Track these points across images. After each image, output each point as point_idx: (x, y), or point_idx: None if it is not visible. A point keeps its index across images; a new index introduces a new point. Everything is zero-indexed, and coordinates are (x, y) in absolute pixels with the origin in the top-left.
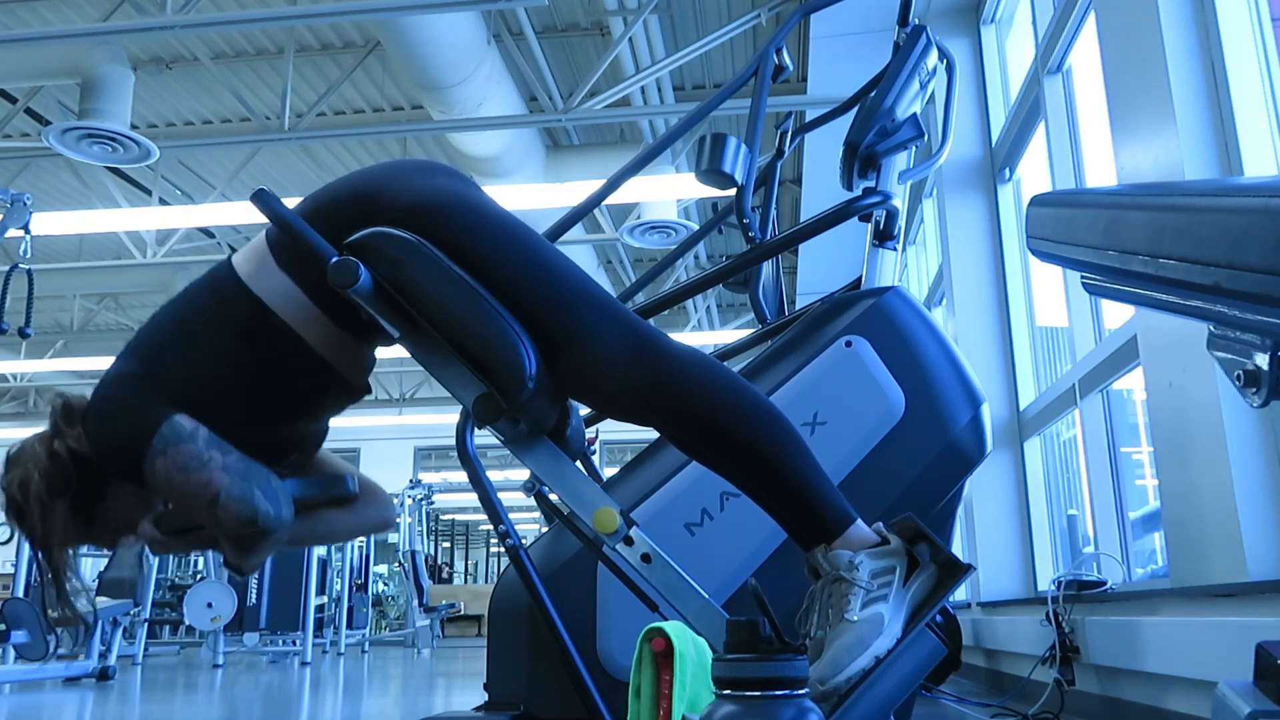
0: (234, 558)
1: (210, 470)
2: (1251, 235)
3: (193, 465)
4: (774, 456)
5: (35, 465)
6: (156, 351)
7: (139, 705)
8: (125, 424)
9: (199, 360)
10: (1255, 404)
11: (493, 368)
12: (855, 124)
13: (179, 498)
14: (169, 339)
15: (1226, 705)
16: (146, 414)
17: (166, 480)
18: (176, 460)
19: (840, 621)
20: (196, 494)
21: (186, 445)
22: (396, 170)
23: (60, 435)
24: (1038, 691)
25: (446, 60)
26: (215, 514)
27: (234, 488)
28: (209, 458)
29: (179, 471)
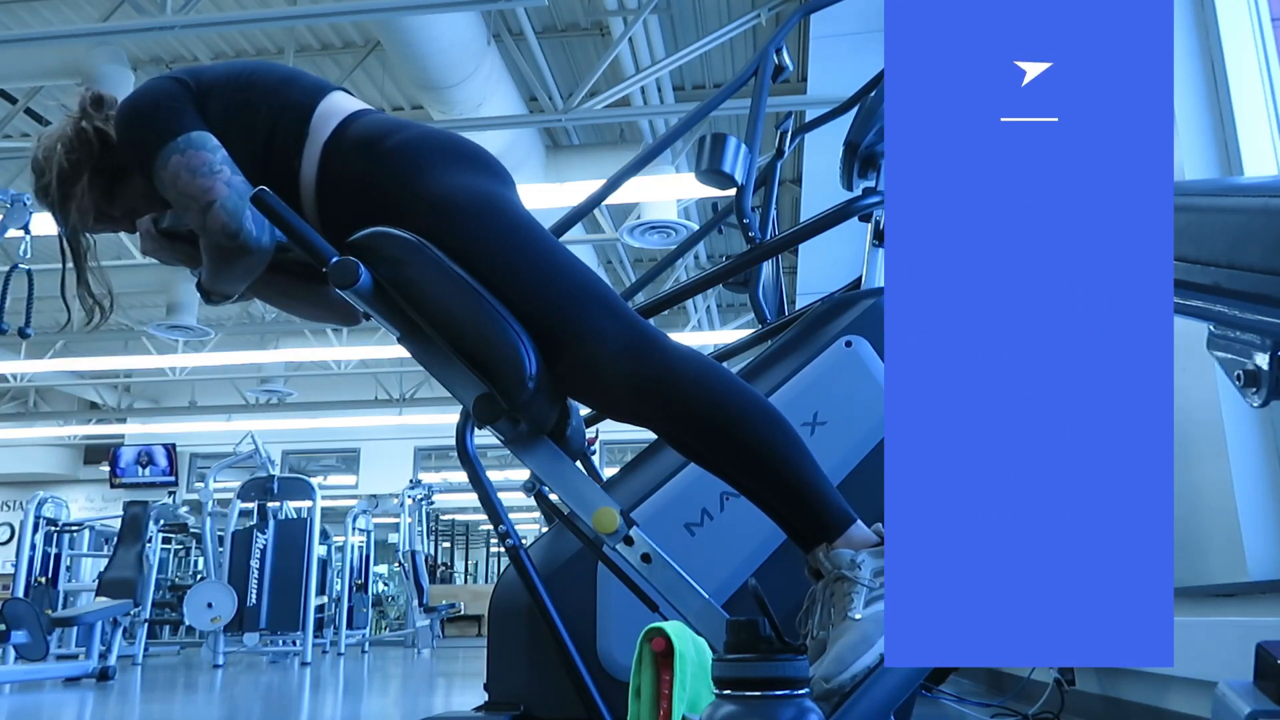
0: (208, 278)
1: (216, 179)
2: (1251, 235)
3: (202, 170)
4: (773, 457)
5: (60, 138)
6: (211, 83)
7: (139, 705)
8: (158, 115)
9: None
10: (1255, 404)
11: (493, 368)
12: (855, 124)
13: (178, 196)
14: (228, 84)
15: (1226, 705)
16: (180, 116)
17: (174, 176)
18: (190, 161)
19: (844, 620)
20: (195, 196)
21: (205, 153)
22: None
23: (88, 117)
24: (1038, 691)
25: (446, 60)
26: (204, 220)
27: (230, 201)
28: (220, 170)
29: (187, 171)
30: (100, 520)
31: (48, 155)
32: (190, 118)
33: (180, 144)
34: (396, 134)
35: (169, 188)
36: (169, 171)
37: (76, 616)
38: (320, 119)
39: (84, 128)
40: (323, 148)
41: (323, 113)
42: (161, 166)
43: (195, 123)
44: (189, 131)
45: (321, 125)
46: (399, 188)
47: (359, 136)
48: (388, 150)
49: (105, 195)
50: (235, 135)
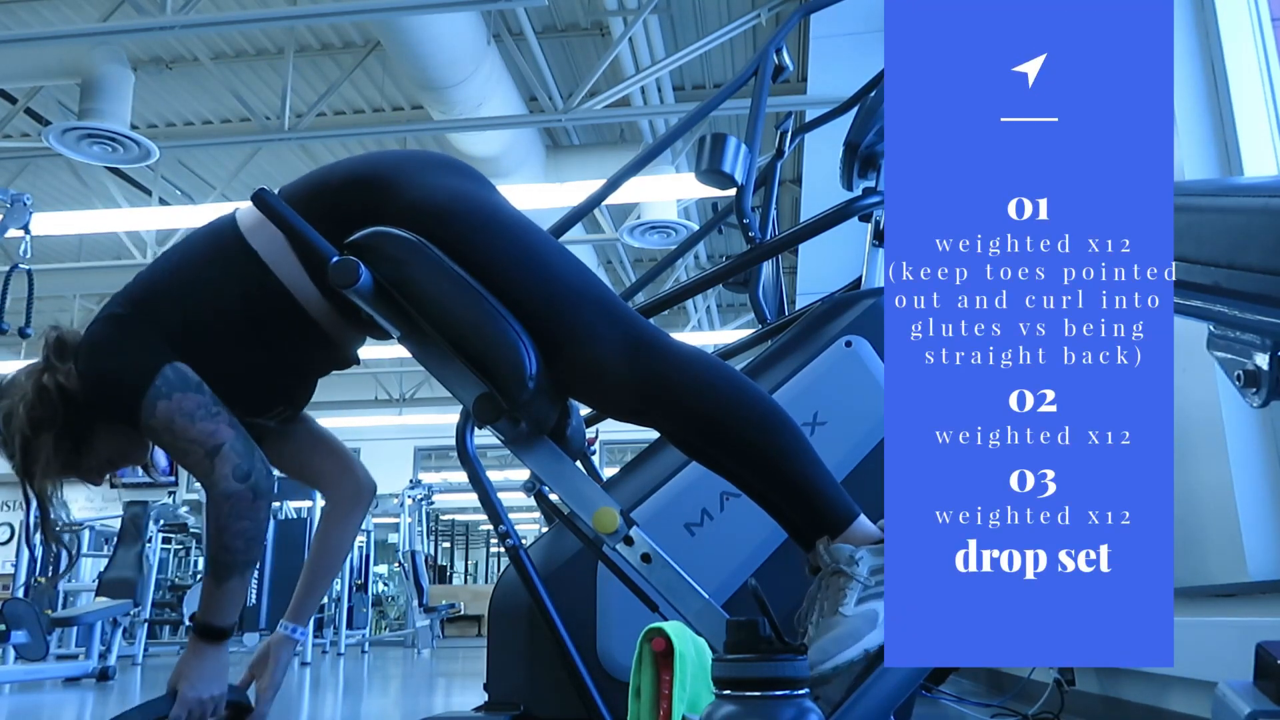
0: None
1: (217, 421)
2: (1251, 235)
3: (199, 414)
4: (775, 453)
5: (21, 398)
6: (149, 296)
7: None
8: (124, 364)
9: (192, 308)
10: (1255, 404)
11: (493, 368)
12: (855, 124)
13: (176, 443)
14: (163, 285)
15: (1226, 705)
16: (148, 355)
17: (167, 423)
18: (183, 406)
19: (834, 614)
20: (199, 441)
21: (192, 394)
22: (412, 163)
23: (51, 370)
24: (1038, 691)
25: (446, 60)
26: (213, 465)
27: (238, 442)
28: (216, 411)
29: (183, 417)
30: (100, 520)
31: (8, 417)
32: (155, 354)
33: (161, 388)
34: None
35: (164, 434)
36: (160, 420)
37: (76, 616)
38: (255, 228)
39: (45, 384)
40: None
41: (250, 224)
42: (150, 416)
43: (163, 356)
44: (162, 369)
45: (265, 229)
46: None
47: (305, 197)
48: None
49: (72, 453)
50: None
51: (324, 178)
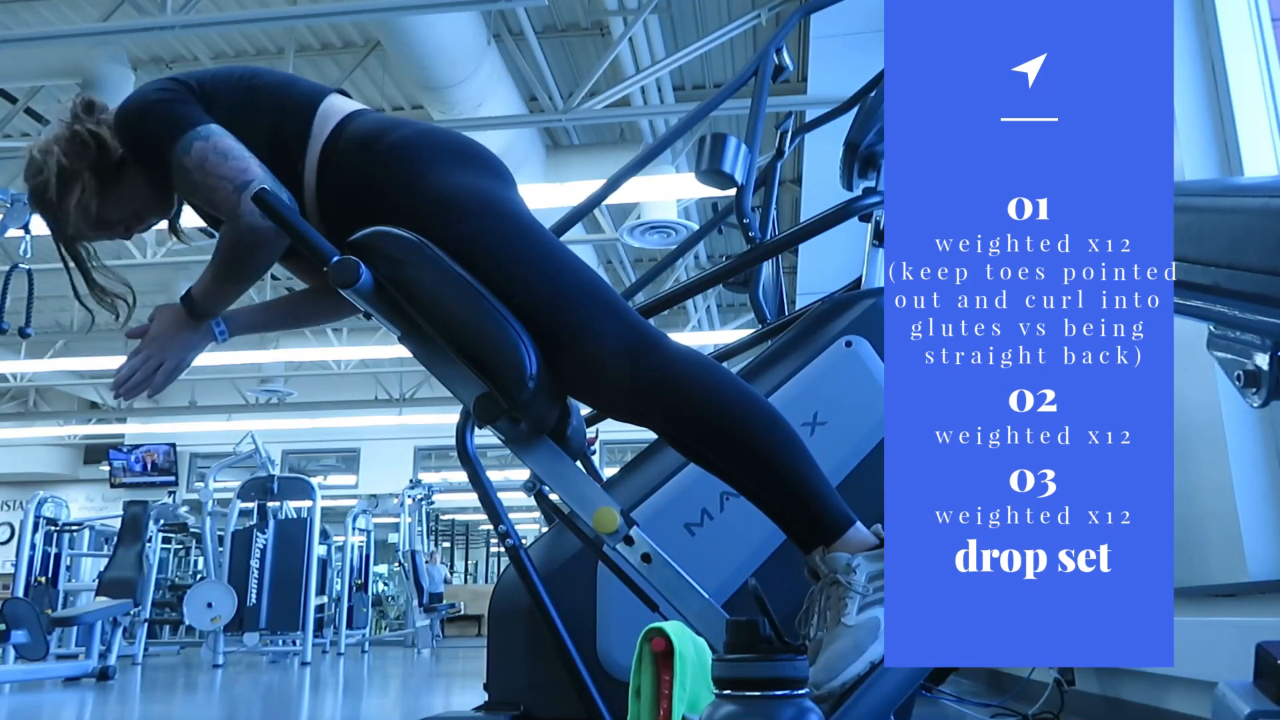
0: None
1: (249, 161)
2: (1251, 235)
3: (234, 154)
4: (772, 458)
5: (56, 139)
6: (213, 86)
7: (139, 705)
8: (169, 107)
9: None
10: (1255, 404)
11: (493, 367)
12: (855, 124)
13: (206, 180)
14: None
15: (1226, 705)
16: (192, 108)
17: (200, 161)
18: (219, 146)
19: (836, 625)
20: (230, 177)
21: (230, 141)
22: (448, 152)
23: (79, 120)
24: (1038, 691)
25: (446, 60)
26: (239, 201)
27: (268, 182)
28: (252, 156)
29: (216, 154)
30: (100, 520)
31: (45, 155)
32: (203, 114)
33: (202, 132)
34: (393, 132)
35: (194, 173)
36: (193, 158)
37: (76, 616)
38: (320, 120)
39: (78, 130)
40: (321, 148)
41: (323, 114)
42: (184, 153)
43: (209, 119)
44: (208, 123)
45: (321, 127)
46: (398, 186)
47: (356, 136)
48: (385, 148)
49: (102, 199)
50: (239, 138)
51: (383, 132)
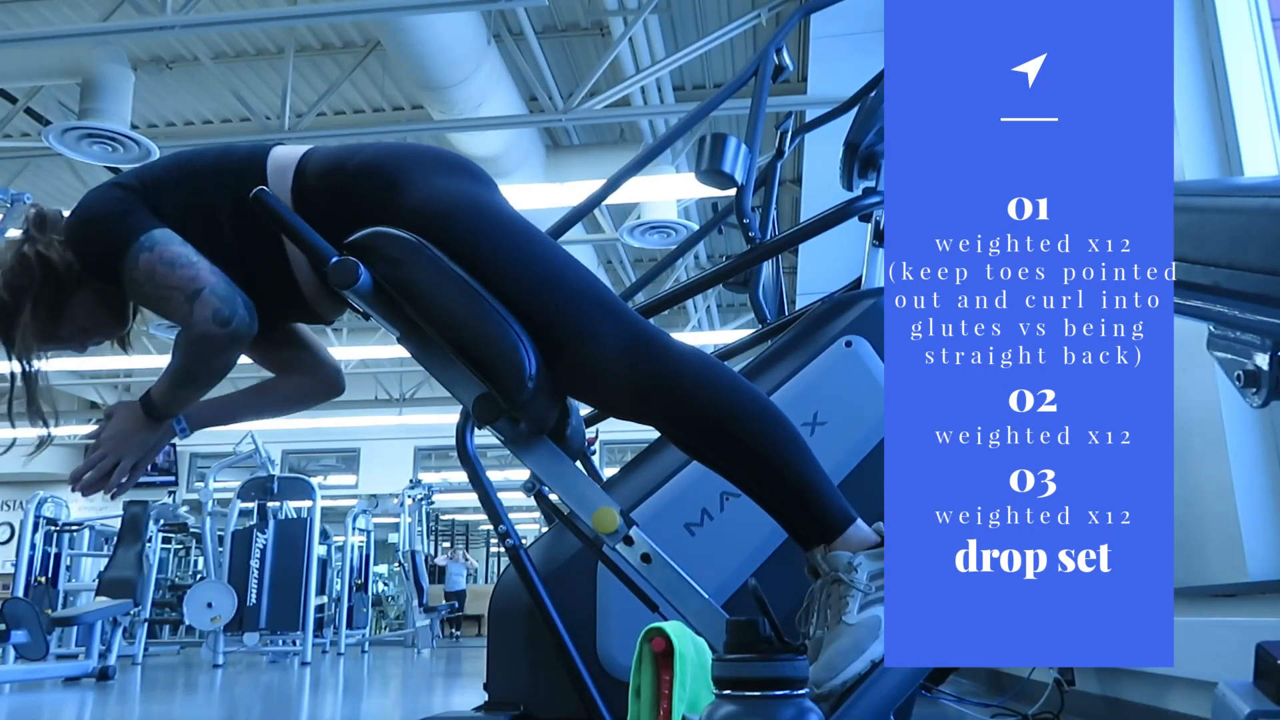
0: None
1: (198, 268)
2: (1251, 235)
3: (180, 261)
4: (773, 455)
5: (3, 267)
6: (159, 178)
7: (139, 705)
8: (114, 220)
9: (192, 199)
10: (1255, 404)
11: (492, 368)
12: (855, 124)
13: (157, 290)
14: (175, 174)
15: (1226, 705)
16: (141, 218)
17: (149, 272)
18: (164, 255)
19: (837, 624)
20: (180, 286)
21: (175, 246)
22: (424, 162)
23: (31, 241)
24: (1038, 691)
25: (446, 60)
26: (192, 309)
27: (220, 287)
28: (199, 261)
29: (164, 265)
30: (100, 520)
31: None
32: (148, 219)
33: (146, 242)
34: (358, 154)
35: (144, 285)
36: (141, 270)
37: (76, 616)
38: (276, 173)
39: (25, 253)
40: (292, 197)
41: (274, 166)
42: (132, 266)
43: (155, 222)
44: (151, 230)
45: (281, 178)
46: (380, 203)
47: (322, 168)
48: (355, 169)
49: (50, 319)
50: (196, 224)
51: (346, 157)
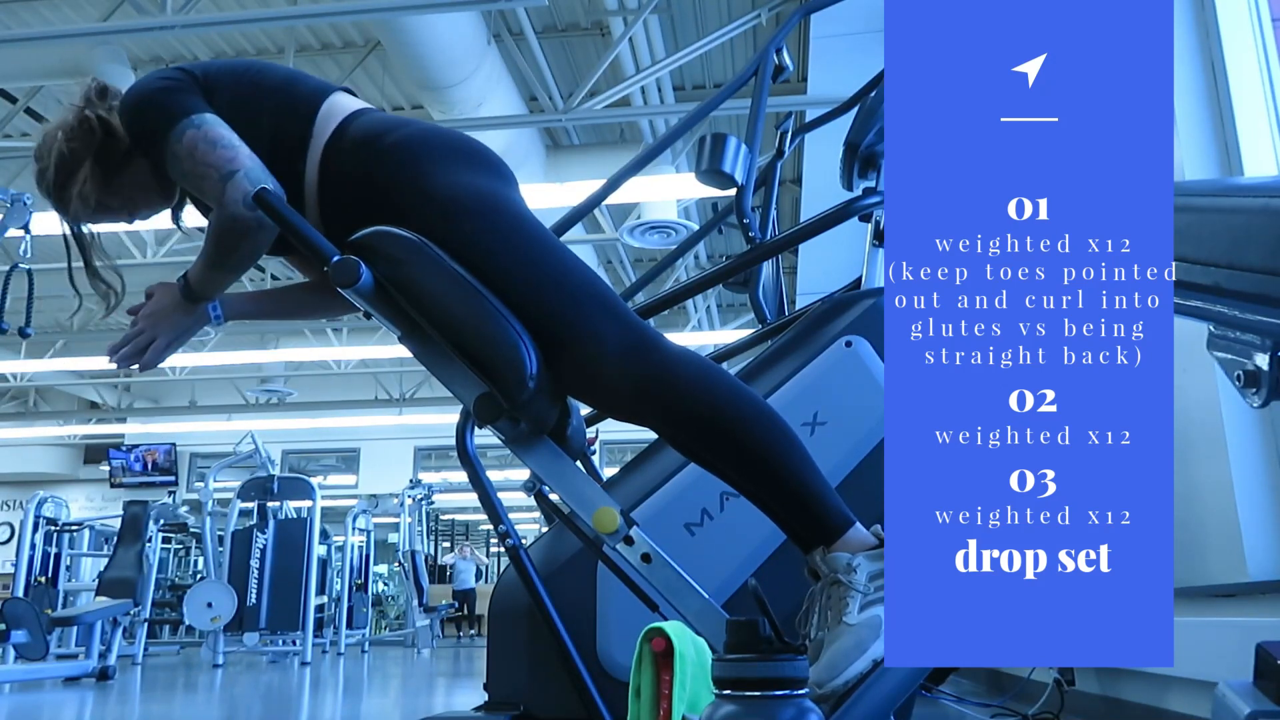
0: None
1: (238, 150)
2: (1251, 235)
3: (222, 143)
4: (771, 458)
5: (62, 126)
6: (217, 78)
7: (139, 705)
8: (167, 95)
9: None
10: (1255, 404)
11: (493, 367)
12: (855, 124)
13: (195, 168)
14: (234, 82)
15: (1226, 705)
16: (192, 98)
17: (190, 148)
18: (209, 134)
19: (838, 624)
20: (217, 165)
21: (222, 129)
22: (451, 152)
23: (90, 105)
24: (1038, 691)
25: (446, 60)
26: (225, 189)
27: (254, 171)
28: (241, 145)
29: (206, 143)
30: (100, 520)
31: (49, 142)
32: (201, 103)
33: (195, 120)
34: (396, 131)
35: (184, 160)
36: (184, 145)
37: (76, 616)
38: (323, 120)
39: (87, 115)
40: (323, 148)
41: (325, 114)
42: (176, 140)
43: (206, 108)
44: (203, 111)
45: (324, 126)
46: (399, 185)
47: (359, 135)
48: (387, 147)
49: (104, 184)
50: (238, 133)
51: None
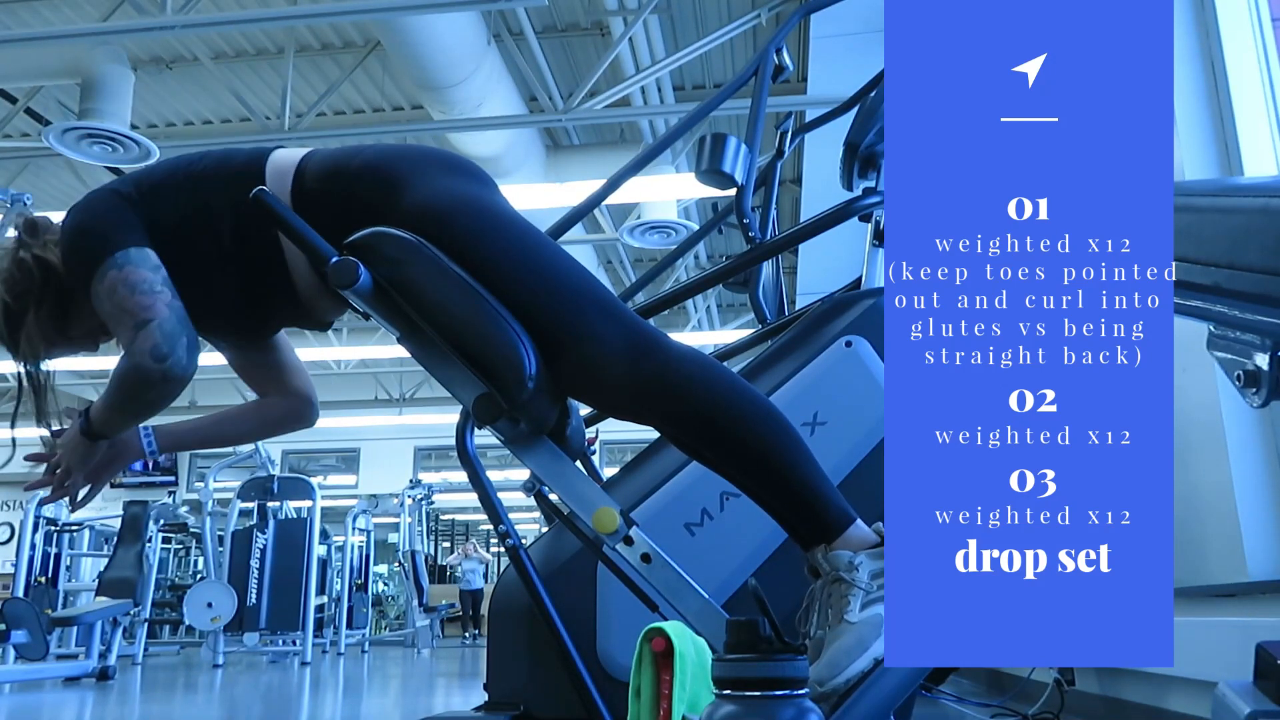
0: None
1: (156, 299)
2: (1251, 235)
3: (141, 288)
4: (772, 456)
5: (1, 274)
6: (157, 185)
7: (139, 705)
8: (97, 229)
9: (188, 204)
10: (1255, 404)
11: (492, 368)
12: (855, 124)
13: (113, 310)
14: (174, 180)
15: (1226, 705)
16: (125, 233)
17: (110, 290)
18: (129, 277)
19: (840, 622)
20: (132, 312)
21: (145, 271)
22: (425, 163)
23: (25, 245)
24: (1038, 691)
25: (446, 60)
26: (135, 337)
27: (168, 324)
28: (160, 290)
29: (125, 287)
30: (100, 520)
31: None
32: (132, 233)
33: (119, 259)
34: (359, 155)
35: (104, 301)
36: (105, 285)
37: (76, 616)
38: (276, 177)
39: (22, 257)
40: (292, 198)
41: (273, 170)
42: (99, 281)
43: (136, 239)
44: (128, 248)
45: (280, 181)
46: (384, 200)
47: (323, 170)
48: (358, 169)
49: (57, 322)
50: (197, 227)
51: (346, 159)
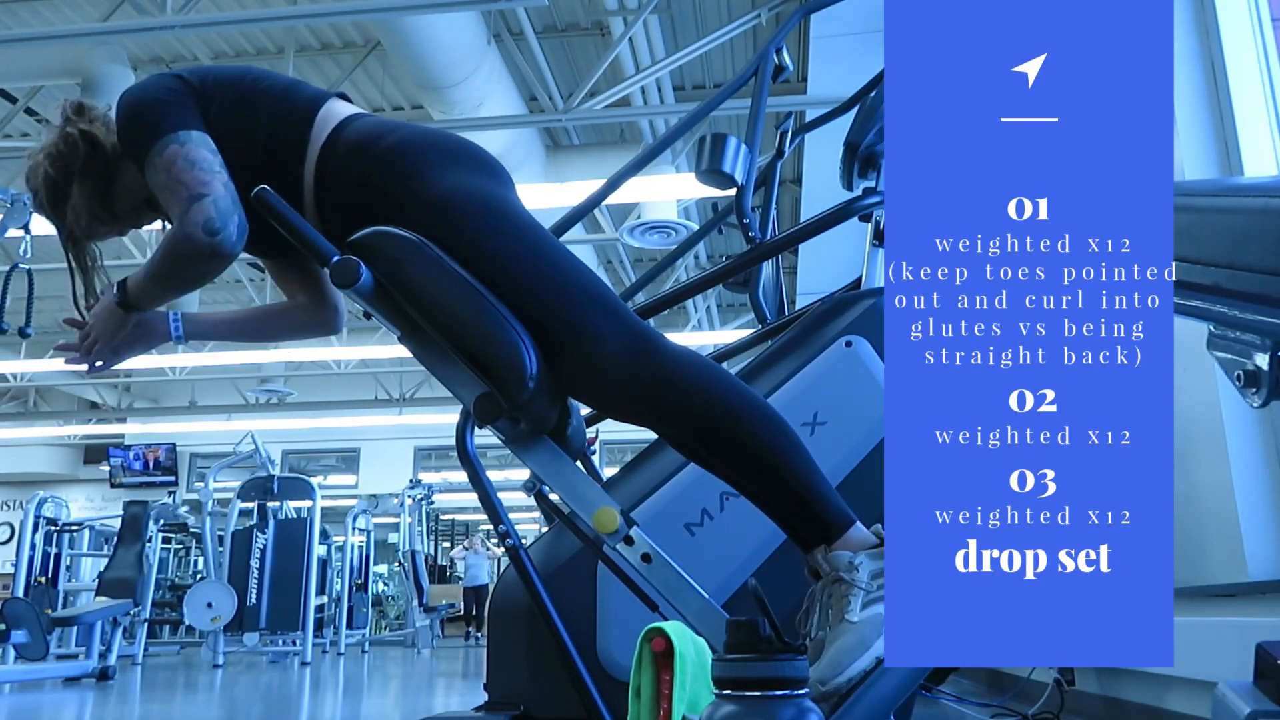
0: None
1: (215, 177)
2: (1251, 235)
3: (202, 165)
4: (771, 457)
5: (44, 149)
6: (215, 85)
7: (139, 705)
8: (161, 107)
9: (236, 123)
10: (1255, 404)
11: (493, 367)
12: (855, 124)
13: (169, 182)
14: (233, 89)
15: (1226, 705)
16: (184, 113)
17: (169, 163)
18: (191, 155)
19: (840, 622)
20: (188, 184)
21: (206, 152)
22: (447, 152)
23: (70, 122)
24: (1038, 691)
25: (446, 60)
26: (188, 210)
27: (223, 201)
28: (219, 171)
29: (185, 161)
30: (100, 520)
31: (34, 168)
32: (193, 117)
33: (181, 136)
34: (391, 134)
35: (160, 173)
36: (164, 158)
37: (76, 616)
38: (320, 125)
39: (69, 132)
40: (319, 152)
41: (322, 118)
42: (158, 153)
43: (198, 124)
44: (190, 129)
45: (320, 131)
46: (397, 186)
47: (354, 139)
48: (383, 150)
49: (100, 196)
50: (234, 140)
51: (378, 135)
